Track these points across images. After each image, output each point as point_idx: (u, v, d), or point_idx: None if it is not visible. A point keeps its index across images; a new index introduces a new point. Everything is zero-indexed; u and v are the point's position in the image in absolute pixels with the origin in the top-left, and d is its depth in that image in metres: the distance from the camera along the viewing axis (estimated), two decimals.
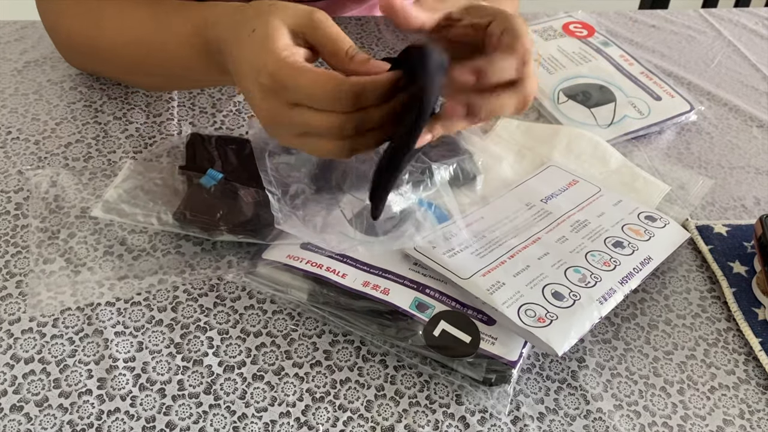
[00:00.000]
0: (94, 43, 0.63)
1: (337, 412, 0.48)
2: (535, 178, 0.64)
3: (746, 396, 0.51)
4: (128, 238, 0.57)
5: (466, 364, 0.49)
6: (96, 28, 0.62)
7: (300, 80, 0.43)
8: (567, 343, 0.48)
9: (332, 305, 0.52)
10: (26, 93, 0.70)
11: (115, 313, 0.52)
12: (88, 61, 0.69)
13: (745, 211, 0.66)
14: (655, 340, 0.54)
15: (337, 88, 0.43)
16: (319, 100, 0.43)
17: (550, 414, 0.49)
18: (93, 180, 0.61)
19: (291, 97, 0.44)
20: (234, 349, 0.50)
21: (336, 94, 0.43)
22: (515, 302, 0.50)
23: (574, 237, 0.57)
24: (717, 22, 0.93)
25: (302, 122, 0.45)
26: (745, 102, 0.79)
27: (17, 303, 0.52)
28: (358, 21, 0.86)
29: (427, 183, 0.59)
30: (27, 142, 0.65)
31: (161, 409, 0.47)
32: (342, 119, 0.44)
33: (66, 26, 0.65)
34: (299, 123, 0.45)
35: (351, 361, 0.50)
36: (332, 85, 0.43)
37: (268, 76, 0.44)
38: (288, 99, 0.44)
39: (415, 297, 0.51)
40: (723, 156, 0.72)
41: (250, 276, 0.54)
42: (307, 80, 0.43)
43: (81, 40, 0.64)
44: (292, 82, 0.43)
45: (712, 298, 0.58)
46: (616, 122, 0.72)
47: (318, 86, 0.43)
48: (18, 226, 0.57)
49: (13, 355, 0.49)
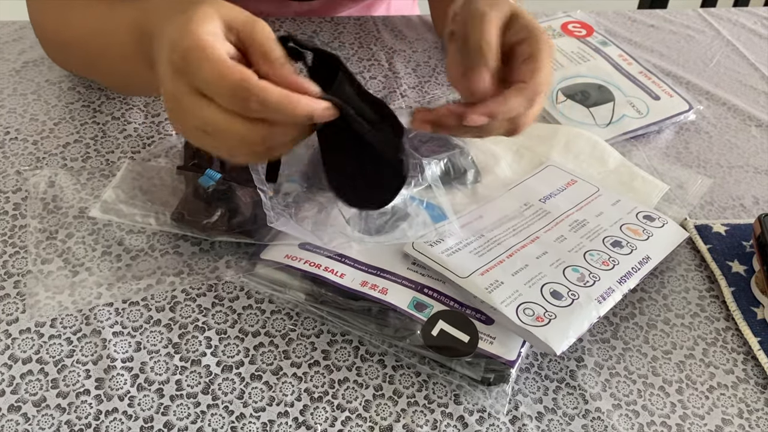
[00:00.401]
0: (63, 38, 0.63)
1: (336, 411, 0.47)
2: (533, 178, 0.64)
3: (745, 395, 0.51)
4: (126, 239, 0.57)
5: (465, 364, 0.49)
6: (64, 22, 0.62)
7: (205, 65, 0.40)
8: (565, 342, 0.48)
9: (330, 305, 0.52)
10: (24, 93, 0.70)
11: (113, 313, 0.52)
12: (63, 57, 0.70)
13: (743, 210, 0.66)
14: (654, 340, 0.54)
15: (240, 84, 0.40)
16: (219, 91, 0.41)
17: (549, 413, 0.48)
18: (91, 180, 0.61)
19: (196, 83, 0.41)
20: (232, 349, 0.50)
21: (236, 91, 0.40)
22: (514, 301, 0.50)
23: (573, 236, 0.57)
24: (716, 22, 0.93)
25: (200, 116, 0.42)
26: (743, 101, 0.79)
27: (15, 303, 0.52)
28: (356, 21, 0.86)
29: (418, 179, 0.59)
30: (25, 143, 0.65)
31: (159, 409, 0.47)
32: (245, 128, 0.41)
33: (44, 23, 0.66)
34: (198, 116, 0.42)
35: (349, 361, 0.50)
36: (236, 78, 0.40)
37: (180, 54, 0.41)
38: (193, 84, 0.42)
39: (413, 297, 0.51)
40: (722, 155, 0.72)
41: (248, 276, 0.54)
42: (212, 67, 0.40)
43: (53, 35, 0.65)
44: (195, 67, 0.41)
45: (711, 298, 0.58)
46: (614, 122, 0.72)
47: (221, 76, 0.40)
48: (16, 226, 0.57)
49: (11, 356, 0.49)
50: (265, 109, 0.41)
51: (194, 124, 0.43)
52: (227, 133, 0.42)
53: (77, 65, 0.69)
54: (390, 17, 0.88)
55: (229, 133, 0.42)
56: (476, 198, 0.62)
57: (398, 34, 0.85)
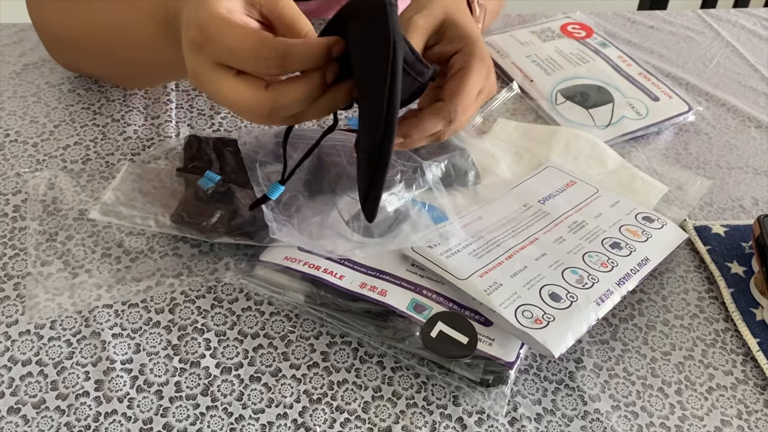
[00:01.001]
0: (70, 33, 0.63)
1: (335, 413, 0.48)
2: (532, 179, 0.64)
3: (744, 396, 0.51)
4: (126, 241, 0.57)
5: (464, 366, 0.49)
6: (70, 17, 0.62)
7: (225, 33, 0.41)
8: (564, 345, 0.48)
9: (330, 307, 0.52)
10: (25, 95, 0.70)
11: (113, 315, 0.52)
12: (68, 54, 0.69)
13: (743, 211, 0.66)
14: (653, 341, 0.54)
15: (261, 44, 0.40)
16: (241, 56, 0.41)
17: (548, 415, 0.48)
18: (91, 182, 0.61)
19: (216, 55, 0.42)
20: (231, 350, 0.51)
21: (258, 51, 0.40)
22: (512, 303, 0.50)
23: (572, 238, 0.57)
24: (715, 23, 0.93)
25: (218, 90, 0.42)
26: (743, 102, 0.79)
27: (15, 305, 0.52)
28: None
29: (419, 181, 0.59)
30: (25, 145, 0.65)
31: (158, 410, 0.47)
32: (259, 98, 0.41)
33: (47, 21, 0.66)
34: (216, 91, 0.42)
35: (348, 363, 0.50)
36: (257, 40, 0.40)
37: (197, 28, 0.41)
38: (213, 56, 0.42)
39: (412, 298, 0.51)
40: (721, 156, 0.72)
41: (247, 278, 0.54)
42: (233, 34, 0.41)
43: (58, 31, 0.65)
44: (217, 37, 0.41)
45: (710, 299, 0.58)
46: (614, 123, 0.72)
47: (241, 41, 0.40)
48: (16, 228, 0.57)
49: (11, 357, 0.49)
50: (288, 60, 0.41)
51: (218, 99, 0.43)
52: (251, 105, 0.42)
53: (85, 61, 0.68)
54: None
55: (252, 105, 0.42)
56: (476, 199, 0.62)
57: None
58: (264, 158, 0.57)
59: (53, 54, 0.71)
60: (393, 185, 0.57)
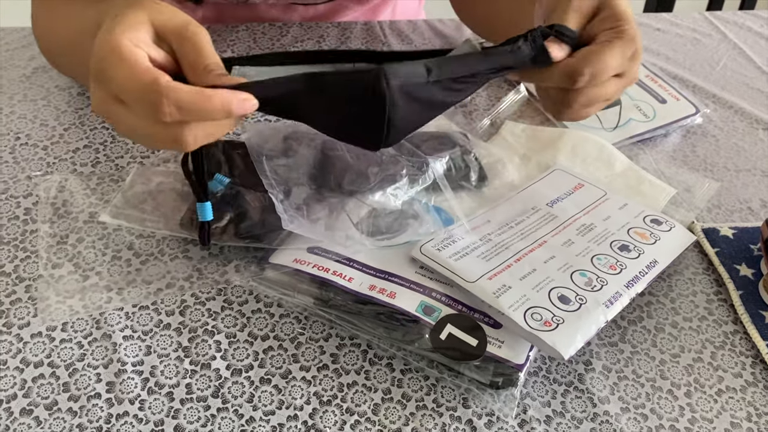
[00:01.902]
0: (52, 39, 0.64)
1: (345, 415, 0.48)
2: (540, 182, 0.64)
3: (753, 399, 0.51)
4: (136, 243, 0.57)
5: (473, 368, 0.49)
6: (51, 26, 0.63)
7: (118, 70, 0.39)
8: (573, 347, 0.48)
9: (339, 309, 0.52)
10: (35, 99, 0.71)
11: (124, 318, 0.52)
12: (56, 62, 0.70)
13: (751, 213, 0.66)
14: (662, 343, 0.54)
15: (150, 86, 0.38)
16: (132, 95, 0.39)
17: (557, 417, 0.49)
18: (101, 185, 0.62)
19: (111, 90, 0.40)
20: (241, 352, 0.51)
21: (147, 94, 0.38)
22: (521, 306, 0.50)
23: (580, 240, 0.57)
24: (722, 25, 0.93)
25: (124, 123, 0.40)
26: (750, 104, 0.79)
27: (27, 307, 0.52)
28: (364, 26, 0.86)
29: (424, 177, 0.59)
30: (35, 148, 0.65)
31: (169, 412, 0.47)
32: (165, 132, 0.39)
33: (38, 30, 0.68)
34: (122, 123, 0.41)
35: (358, 365, 0.51)
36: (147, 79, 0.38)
37: (97, 62, 0.40)
38: (108, 90, 0.40)
39: (421, 300, 0.52)
40: (729, 159, 0.72)
41: (257, 280, 0.55)
42: (124, 71, 0.38)
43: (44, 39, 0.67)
44: (112, 71, 0.39)
45: (719, 301, 0.58)
46: (621, 125, 0.73)
47: (132, 78, 0.38)
48: (27, 231, 0.58)
49: (23, 359, 0.49)
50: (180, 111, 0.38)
51: (121, 130, 0.42)
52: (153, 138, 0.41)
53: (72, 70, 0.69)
54: (396, 22, 0.88)
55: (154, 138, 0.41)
56: (483, 202, 0.62)
57: (405, 38, 0.85)
58: (270, 152, 0.57)
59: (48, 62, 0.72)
60: (398, 179, 0.58)
